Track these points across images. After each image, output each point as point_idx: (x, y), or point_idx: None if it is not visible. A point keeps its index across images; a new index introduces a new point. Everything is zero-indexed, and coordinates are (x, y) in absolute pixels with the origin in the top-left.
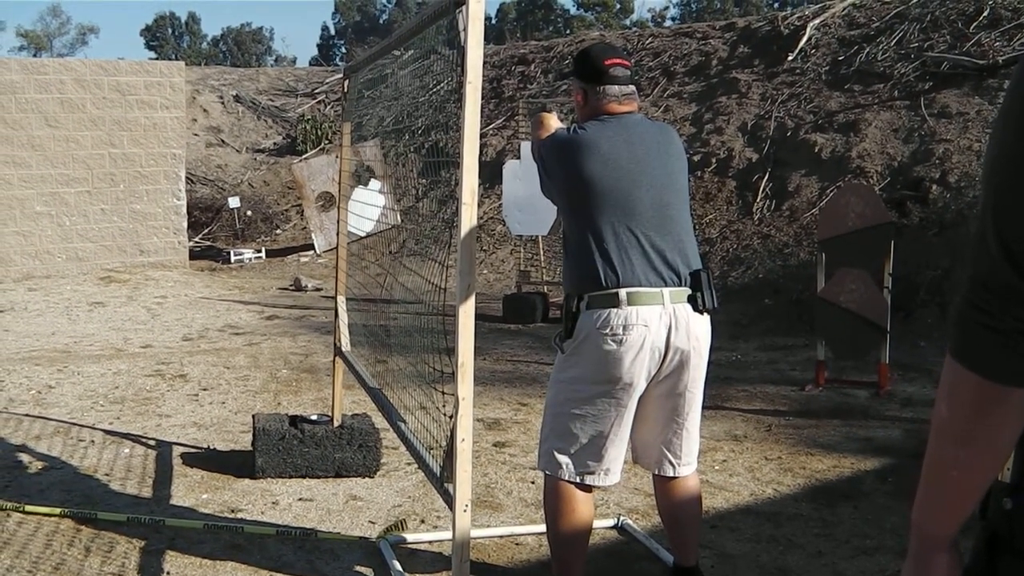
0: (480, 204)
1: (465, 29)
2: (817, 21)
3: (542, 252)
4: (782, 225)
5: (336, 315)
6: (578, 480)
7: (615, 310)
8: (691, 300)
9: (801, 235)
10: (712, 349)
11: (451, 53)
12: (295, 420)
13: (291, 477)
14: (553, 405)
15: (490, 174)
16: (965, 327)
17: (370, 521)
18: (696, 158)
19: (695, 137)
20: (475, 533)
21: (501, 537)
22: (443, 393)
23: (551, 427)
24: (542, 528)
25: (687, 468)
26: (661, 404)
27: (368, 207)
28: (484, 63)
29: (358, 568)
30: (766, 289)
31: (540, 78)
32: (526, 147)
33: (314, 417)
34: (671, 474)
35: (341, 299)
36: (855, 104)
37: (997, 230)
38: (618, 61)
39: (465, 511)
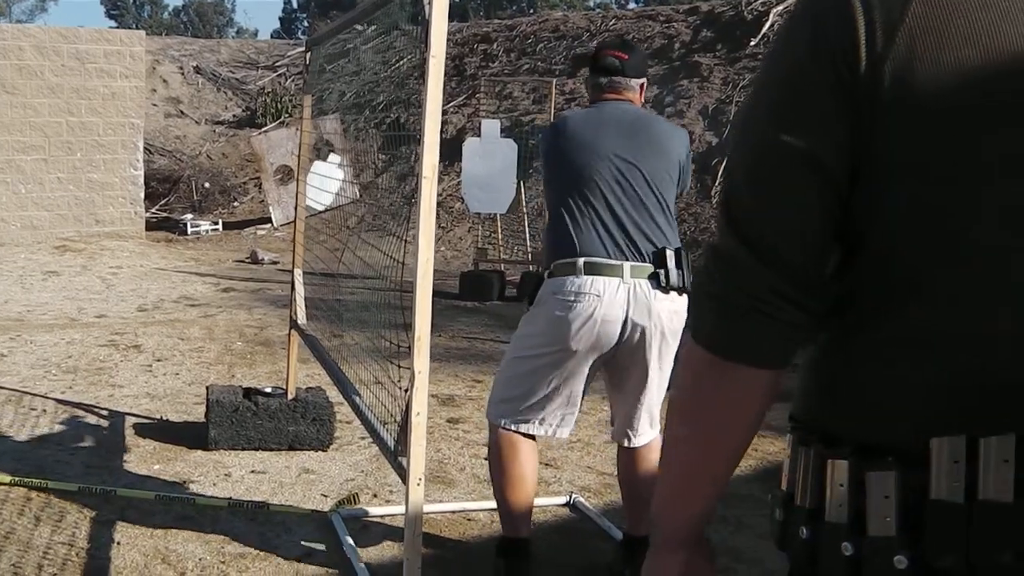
0: (439, 181)
1: (430, 3)
2: (780, 7)
3: (500, 230)
4: (694, 192)
5: (292, 288)
6: (513, 428)
7: (571, 278)
8: (655, 278)
9: None
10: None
11: (414, 28)
12: (249, 392)
13: (244, 449)
14: (505, 357)
15: (450, 152)
16: (695, 296)
17: (323, 494)
18: None
19: None
20: (428, 508)
21: (453, 512)
22: (399, 367)
23: (499, 377)
24: (492, 504)
25: (641, 439)
26: (625, 378)
27: (327, 181)
28: (447, 40)
29: (310, 541)
30: None
31: (502, 57)
32: (486, 125)
33: (268, 390)
34: (627, 445)
35: (298, 272)
36: None
37: (727, 193)
38: (611, 52)
39: (419, 485)
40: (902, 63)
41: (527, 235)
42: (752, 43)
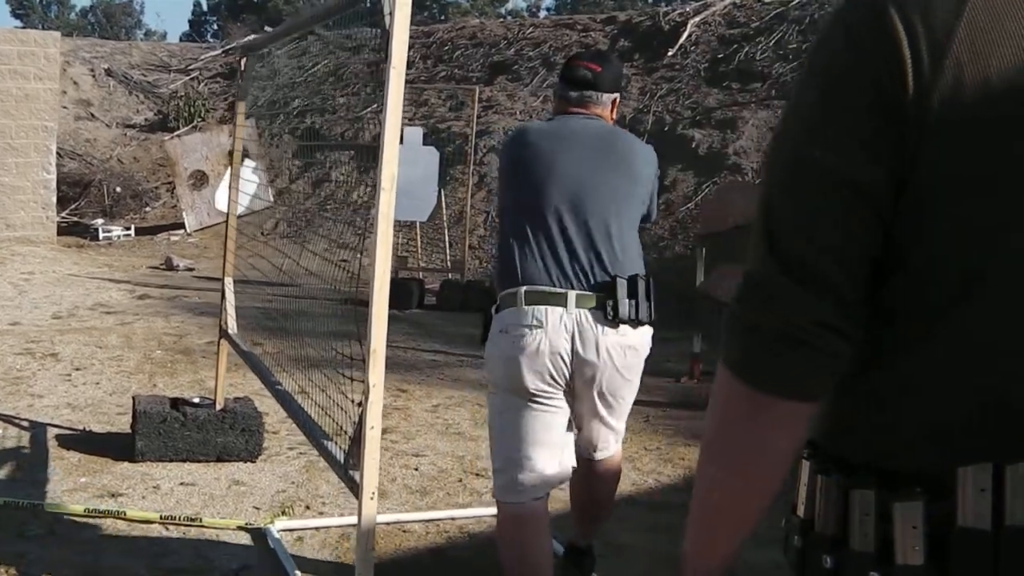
0: (355, 188)
1: (391, 13)
2: (698, 19)
3: (419, 238)
4: (658, 219)
5: (223, 296)
6: (512, 500)
7: (514, 310)
8: (604, 308)
9: (677, 229)
10: None
11: (329, 33)
12: (176, 402)
13: (171, 461)
14: (488, 419)
15: (367, 158)
16: (730, 327)
17: (255, 507)
18: None
19: None
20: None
21: (388, 524)
22: (351, 380)
23: (492, 445)
24: (428, 515)
25: (603, 452)
26: (580, 408)
27: (242, 187)
28: (363, 47)
29: (245, 555)
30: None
31: (419, 63)
32: (408, 132)
33: (196, 400)
34: (586, 456)
35: (228, 280)
36: (733, 102)
37: (765, 224)
38: (584, 64)
39: (372, 498)
40: (950, 90)
41: (446, 243)
42: (670, 53)
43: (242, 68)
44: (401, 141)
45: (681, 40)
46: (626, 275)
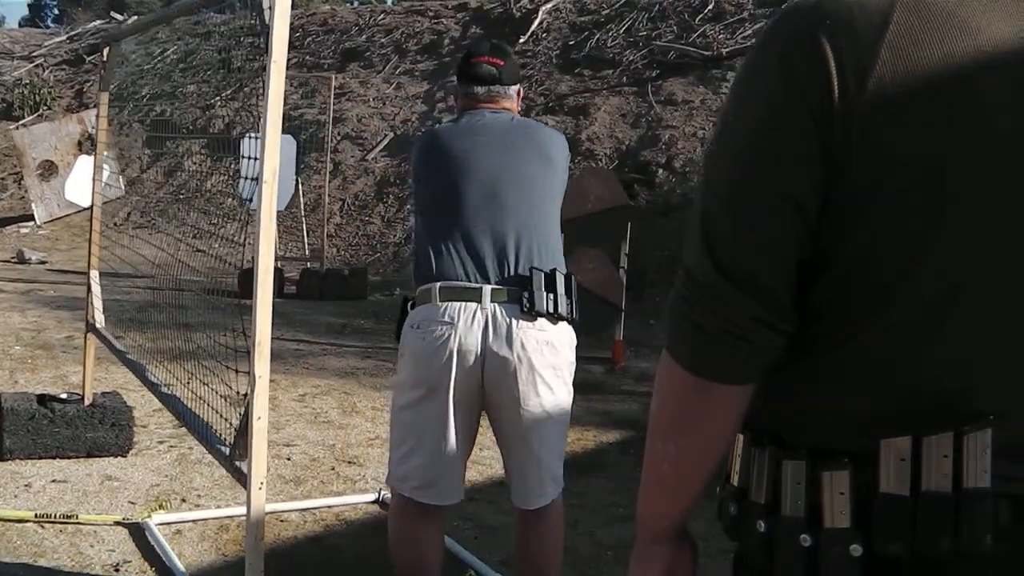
0: (208, 177)
1: (271, 7)
2: (549, 6)
3: (277, 227)
4: None
5: (89, 290)
6: (407, 495)
7: (427, 306)
8: (519, 301)
9: None
10: None
11: (181, 21)
12: (44, 399)
13: (41, 458)
14: (391, 413)
15: (219, 146)
16: (674, 319)
17: (130, 501)
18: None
19: (427, 115)
20: (236, 511)
21: (266, 514)
22: (236, 372)
23: (390, 437)
24: (304, 504)
25: (536, 500)
26: (501, 422)
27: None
28: (212, 32)
29: (125, 551)
30: None
31: None
32: None
33: (64, 396)
34: (521, 506)
35: (94, 273)
36: (585, 88)
37: (703, 229)
38: (485, 59)
39: (260, 488)
40: (873, 108)
41: (304, 232)
42: (521, 40)
43: (104, 58)
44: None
45: (533, 27)
46: (546, 268)
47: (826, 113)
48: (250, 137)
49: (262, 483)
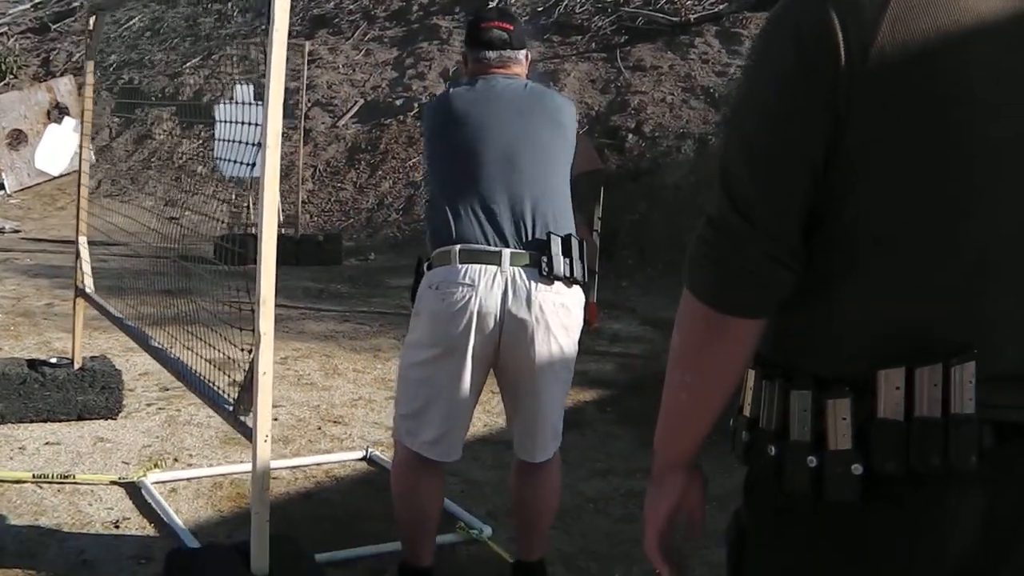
0: (179, 144)
1: None
2: None
3: (251, 193)
4: None
5: (77, 255)
6: (413, 448)
7: (446, 268)
8: (539, 266)
9: None
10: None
11: None
12: (34, 363)
13: (32, 421)
14: (400, 369)
15: (189, 113)
16: (696, 261)
17: (123, 462)
18: (398, 102)
19: (397, 82)
20: (229, 469)
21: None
22: (240, 330)
23: (398, 393)
24: (294, 462)
25: (541, 455)
26: (513, 381)
27: (62, 146)
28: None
29: (123, 508)
30: None
31: (237, 17)
32: (239, 89)
33: (54, 360)
34: (525, 459)
35: (83, 239)
36: (554, 54)
37: (724, 181)
38: (495, 24)
39: (266, 441)
40: (873, 72)
41: (277, 198)
42: (490, 6)
43: (91, 27)
44: (232, 99)
45: None
46: (561, 233)
47: (835, 79)
48: (224, 102)
49: (267, 436)
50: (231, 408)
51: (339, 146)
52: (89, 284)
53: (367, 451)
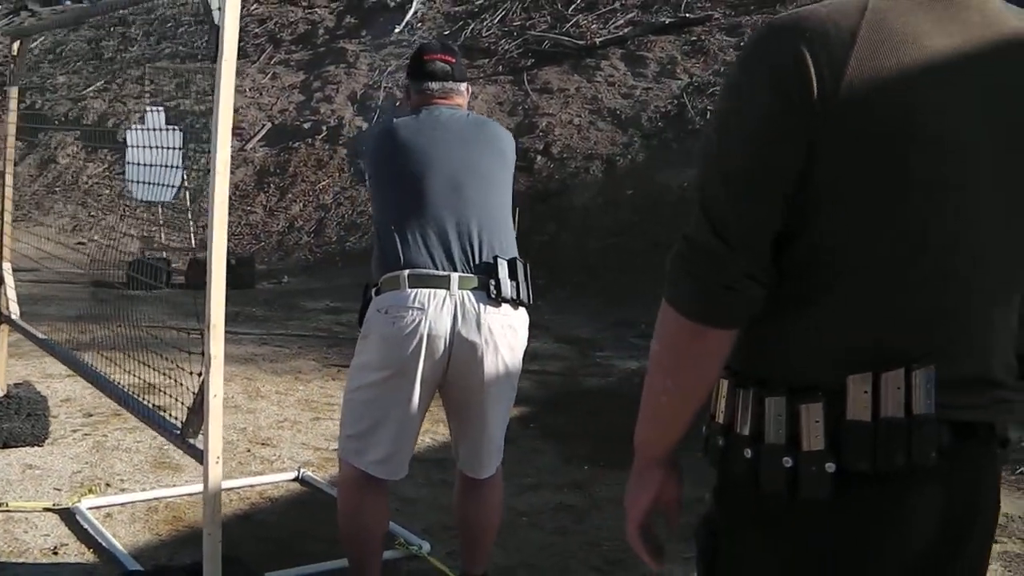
0: (84, 168)
1: (221, 8)
2: None
3: (161, 218)
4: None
5: (1, 281)
6: (360, 467)
7: (396, 292)
8: (486, 289)
9: None
10: (339, 310)
11: (46, 11)
12: None
13: None
14: (346, 391)
15: (93, 138)
16: (676, 276)
17: (55, 488)
18: (306, 125)
19: (304, 105)
20: (163, 493)
21: (191, 495)
22: (189, 353)
23: (344, 413)
24: (228, 484)
25: (487, 471)
26: (461, 400)
27: None
28: (83, 24)
29: (60, 535)
30: None
31: (141, 40)
32: (151, 114)
33: None
34: (471, 475)
35: (7, 265)
36: None
37: (703, 201)
38: (438, 56)
39: (217, 462)
40: (842, 104)
41: (190, 222)
42: (397, 30)
43: (15, 53)
44: (143, 123)
45: (408, 17)
46: (507, 257)
47: (808, 110)
48: (133, 129)
49: (218, 458)
50: (179, 431)
51: (247, 169)
52: (14, 310)
53: (299, 471)
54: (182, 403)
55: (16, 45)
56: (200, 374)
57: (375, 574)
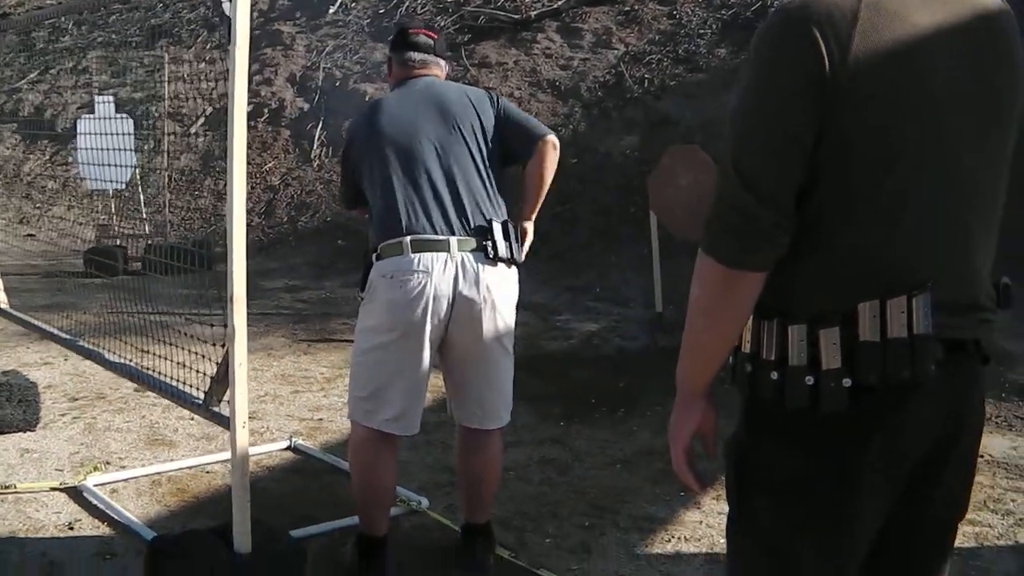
0: (25, 161)
1: (233, 1)
2: None
3: (113, 206)
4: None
5: None
6: (373, 426)
7: (399, 257)
8: (483, 250)
9: None
10: (298, 288)
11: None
12: None
13: None
14: (354, 354)
15: (32, 129)
16: (713, 228)
17: (56, 469)
18: (248, 108)
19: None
20: (165, 467)
21: (191, 468)
22: (212, 326)
23: (353, 376)
24: (224, 455)
25: (492, 422)
26: (463, 356)
27: None
28: (10, 14)
29: (70, 511)
30: (338, 231)
31: (73, 30)
32: (99, 102)
33: None
34: (473, 425)
35: None
36: None
37: (735, 162)
38: (422, 31)
39: (244, 427)
40: (851, 73)
41: (142, 209)
42: (331, 11)
43: None
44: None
45: None
46: (500, 219)
47: (820, 80)
48: (84, 118)
49: (244, 422)
50: (201, 402)
51: (192, 155)
52: (3, 299)
53: (291, 440)
54: (174, 379)
55: None
56: (223, 344)
57: (383, 527)
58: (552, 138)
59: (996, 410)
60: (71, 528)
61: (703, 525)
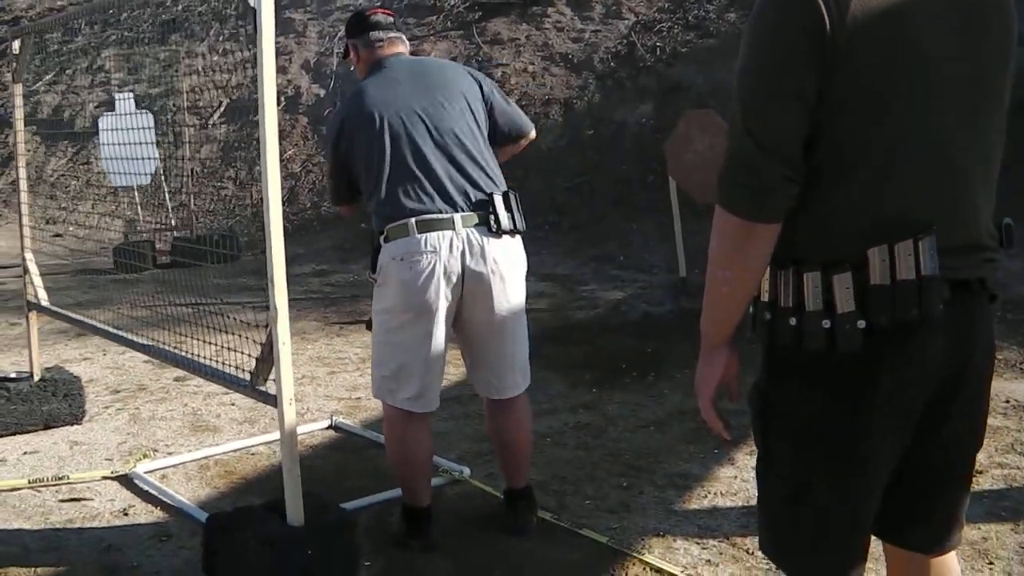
0: (47, 163)
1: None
2: None
3: (139, 202)
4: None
5: (26, 271)
6: (398, 405)
7: (407, 239)
8: (486, 223)
9: None
10: (325, 272)
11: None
12: None
13: (2, 436)
14: (374, 335)
15: (54, 130)
16: (726, 183)
17: (106, 459)
18: None
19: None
20: (212, 451)
21: (236, 451)
22: (253, 309)
23: (375, 356)
24: (266, 438)
25: (509, 391)
26: (478, 330)
27: None
28: (22, 18)
29: (124, 498)
30: (360, 215)
31: (85, 29)
32: (120, 99)
33: (13, 375)
34: (492, 396)
35: (29, 255)
36: (412, 36)
37: (743, 119)
38: (379, 10)
39: (291, 404)
40: (849, 33)
41: (167, 203)
42: None
43: (15, 51)
44: (113, 109)
45: None
46: (500, 191)
47: (821, 39)
48: (106, 115)
49: (291, 400)
50: (247, 383)
51: (212, 147)
52: (43, 297)
53: (332, 419)
54: (223, 362)
55: (17, 43)
56: (267, 326)
57: (426, 497)
58: (534, 134)
59: (1019, 356)
60: (126, 514)
61: (738, 480)
